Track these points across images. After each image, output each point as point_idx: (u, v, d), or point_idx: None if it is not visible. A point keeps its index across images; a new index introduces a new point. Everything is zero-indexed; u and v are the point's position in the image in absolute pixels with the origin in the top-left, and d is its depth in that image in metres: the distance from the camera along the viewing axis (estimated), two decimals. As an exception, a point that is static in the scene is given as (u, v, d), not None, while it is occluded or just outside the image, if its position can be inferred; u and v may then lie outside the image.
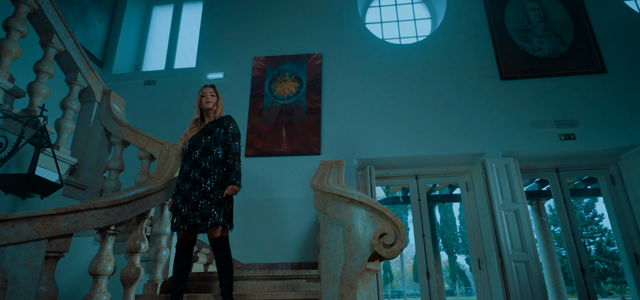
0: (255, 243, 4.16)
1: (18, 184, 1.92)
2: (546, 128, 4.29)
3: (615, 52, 4.54)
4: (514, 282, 3.66)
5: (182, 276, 2.22)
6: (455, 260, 31.34)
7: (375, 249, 1.62)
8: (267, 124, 4.59)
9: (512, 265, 3.72)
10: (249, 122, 4.62)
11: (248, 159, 4.46)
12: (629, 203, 4.27)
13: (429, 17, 5.49)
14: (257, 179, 4.38)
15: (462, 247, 30.37)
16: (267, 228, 4.19)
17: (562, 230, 4.32)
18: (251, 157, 4.46)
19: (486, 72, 4.62)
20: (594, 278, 23.78)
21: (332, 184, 2.04)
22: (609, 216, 4.49)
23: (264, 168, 4.44)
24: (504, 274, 3.73)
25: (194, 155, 2.30)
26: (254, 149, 4.48)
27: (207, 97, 2.53)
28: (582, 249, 4.21)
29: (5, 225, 1.65)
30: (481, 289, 4.18)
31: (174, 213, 2.23)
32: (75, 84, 3.06)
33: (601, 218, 27.25)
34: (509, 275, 3.68)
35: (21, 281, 1.64)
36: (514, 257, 3.75)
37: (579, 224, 25.11)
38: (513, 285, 3.65)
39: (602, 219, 27.35)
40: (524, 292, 3.63)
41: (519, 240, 3.81)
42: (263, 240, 4.16)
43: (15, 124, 2.43)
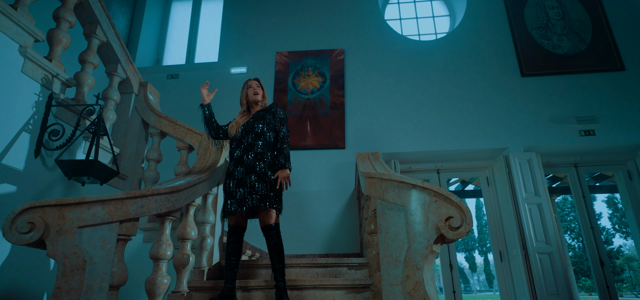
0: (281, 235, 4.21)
1: (82, 170, 1.97)
2: (566, 124, 4.38)
3: (633, 51, 4.63)
4: (539, 273, 3.75)
5: (234, 261, 2.27)
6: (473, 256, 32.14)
7: (442, 231, 1.68)
8: (291, 118, 4.64)
9: (536, 257, 3.80)
10: (273, 116, 4.67)
11: (273, 152, 4.50)
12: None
13: (447, 15, 5.55)
14: (282, 172, 4.43)
15: (471, 242, 30.82)
16: (293, 220, 4.25)
17: (582, 224, 4.41)
18: (276, 151, 4.50)
19: (507, 68, 4.70)
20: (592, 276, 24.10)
21: (390, 172, 2.10)
22: (626, 211, 4.59)
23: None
24: (528, 265, 3.82)
25: (248, 140, 2.36)
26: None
27: (254, 88, 2.60)
28: (600, 242, 4.31)
29: (82, 208, 1.70)
30: (503, 280, 4.26)
31: (227, 197, 2.28)
32: (115, 76, 3.10)
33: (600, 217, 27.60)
34: (533, 266, 3.77)
35: (98, 262, 1.69)
36: (538, 250, 3.84)
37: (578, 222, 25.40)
38: (538, 276, 3.74)
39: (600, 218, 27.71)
40: (549, 283, 3.72)
41: (543, 233, 3.89)
42: (289, 232, 4.21)
43: (66, 112, 2.47)
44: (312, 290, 2.39)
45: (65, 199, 1.68)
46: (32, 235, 1.58)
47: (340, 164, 4.39)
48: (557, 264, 3.78)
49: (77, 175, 1.97)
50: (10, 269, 2.03)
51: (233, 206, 2.21)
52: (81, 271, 1.63)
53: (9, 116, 2.07)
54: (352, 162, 4.40)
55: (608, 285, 4.16)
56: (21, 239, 1.56)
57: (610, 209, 26.93)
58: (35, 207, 1.62)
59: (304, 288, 2.39)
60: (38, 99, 2.27)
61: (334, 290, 2.41)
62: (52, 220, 1.64)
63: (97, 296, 1.64)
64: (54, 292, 1.57)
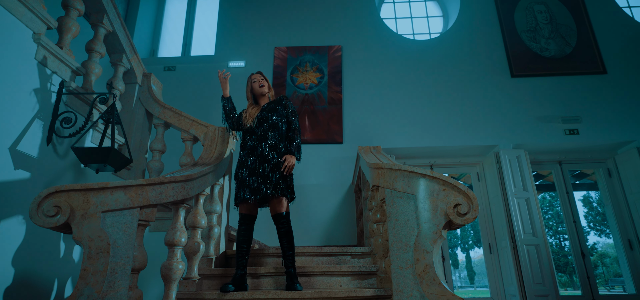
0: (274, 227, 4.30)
1: (99, 157, 1.99)
2: (552, 123, 4.61)
3: (614, 55, 4.91)
4: (526, 264, 3.96)
5: (245, 249, 2.35)
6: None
7: (451, 217, 1.80)
8: (289, 113, 4.70)
9: (524, 248, 4.01)
10: (271, 111, 4.73)
11: (272, 146, 4.56)
12: (624, 194, 4.65)
13: (441, 15, 5.72)
14: (281, 165, 4.51)
15: (454, 239, 31.47)
16: (292, 212, 4.31)
17: (565, 219, 4.66)
18: (275, 145, 4.57)
19: (497, 69, 4.90)
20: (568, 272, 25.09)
21: (394, 163, 2.21)
22: (606, 206, 4.87)
23: (287, 155, 4.56)
24: (516, 256, 4.02)
25: (262, 131, 2.42)
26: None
27: (259, 81, 2.67)
28: (582, 235, 4.57)
29: (105, 193, 1.74)
30: (492, 271, 4.47)
31: (240, 186, 2.34)
32: (120, 66, 3.10)
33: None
34: (521, 258, 3.97)
35: (120, 245, 1.74)
36: (525, 241, 4.05)
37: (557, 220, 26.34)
38: (525, 267, 3.95)
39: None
40: (535, 273, 3.93)
41: (530, 226, 4.11)
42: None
43: (75, 100, 2.48)
44: (320, 276, 2.49)
45: (89, 184, 1.72)
46: (59, 218, 1.61)
47: (338, 159, 4.49)
48: (543, 255, 4.00)
49: (93, 163, 2.00)
50: (23, 255, 2.04)
51: (247, 195, 2.28)
52: (105, 254, 1.68)
53: (23, 103, 2.08)
54: (350, 156, 4.51)
55: (588, 276, 4.42)
56: (48, 222, 1.60)
57: (586, 208, 28.05)
58: (61, 191, 1.65)
59: (312, 275, 2.48)
60: (49, 87, 2.27)
61: (341, 277, 2.52)
62: (77, 205, 1.67)
63: (120, 278, 1.69)
64: (81, 274, 1.61)
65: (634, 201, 4.51)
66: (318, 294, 2.11)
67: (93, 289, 1.61)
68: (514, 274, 4.03)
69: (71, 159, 2.43)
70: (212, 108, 4.86)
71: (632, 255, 4.49)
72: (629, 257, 4.50)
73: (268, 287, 2.46)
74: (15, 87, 2.04)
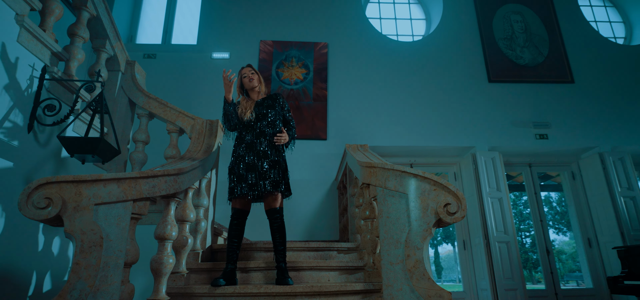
0: (263, 222, 4.29)
1: (88, 147, 1.92)
2: (524, 128, 4.88)
3: (581, 66, 5.25)
4: (498, 260, 4.19)
5: (236, 243, 2.35)
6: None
7: (441, 216, 1.90)
8: (274, 107, 4.69)
9: (496, 245, 4.25)
10: (256, 104, 4.70)
11: (256, 140, 4.54)
12: (585, 196, 5.01)
13: (423, 18, 5.88)
14: (265, 160, 4.50)
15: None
16: (275, 208, 4.33)
17: (533, 217, 4.96)
18: (259, 139, 4.55)
19: (476, 74, 5.11)
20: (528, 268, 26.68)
21: (386, 163, 2.28)
22: (569, 207, 5.23)
23: (271, 150, 4.56)
24: (489, 253, 4.25)
25: (262, 127, 2.42)
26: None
27: (248, 76, 2.64)
28: (547, 233, 4.89)
29: (98, 185, 1.70)
30: (465, 266, 4.69)
31: (237, 181, 2.34)
32: (103, 52, 2.97)
33: (537, 214, 30.44)
34: (493, 254, 4.20)
35: (113, 239, 1.70)
36: (498, 239, 4.28)
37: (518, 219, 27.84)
38: (497, 262, 4.18)
39: (537, 215, 30.57)
40: (505, 268, 4.18)
41: (502, 224, 4.35)
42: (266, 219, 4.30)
43: (58, 86, 2.36)
44: (309, 271, 2.53)
45: (81, 175, 1.66)
46: (50, 210, 1.55)
47: (322, 155, 4.54)
48: (512, 252, 4.25)
49: (80, 153, 1.92)
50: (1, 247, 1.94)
51: (244, 190, 2.28)
52: (98, 248, 1.64)
53: (3, 87, 1.96)
54: (334, 153, 4.57)
55: (552, 271, 4.74)
56: (38, 214, 1.53)
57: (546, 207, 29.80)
58: (52, 182, 1.59)
59: (301, 269, 2.52)
60: (32, 72, 2.15)
61: (329, 272, 2.57)
62: (69, 197, 1.62)
63: (113, 273, 1.66)
64: (73, 268, 1.56)
65: (594, 202, 4.87)
66: (309, 289, 2.15)
67: (86, 283, 1.57)
68: (486, 269, 4.26)
69: (52, 148, 2.32)
70: (194, 99, 4.76)
71: (590, 252, 4.86)
72: (588, 254, 4.86)
73: (257, 281, 2.47)
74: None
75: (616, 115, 5.01)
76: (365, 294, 2.29)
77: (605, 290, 4.65)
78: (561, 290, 4.69)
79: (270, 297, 2.12)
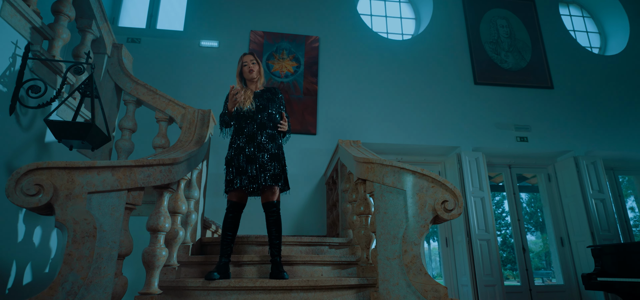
0: (250, 215, 4.23)
1: (77, 133, 1.82)
2: (507, 130, 5.05)
3: (561, 74, 5.48)
4: (479, 257, 4.34)
5: (231, 237, 2.31)
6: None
7: (438, 213, 1.93)
8: (264, 100, 4.63)
9: (477, 243, 4.39)
10: (245, 96, 4.61)
11: (244, 132, 4.47)
12: (560, 197, 5.26)
13: (413, 18, 5.94)
14: (253, 152, 4.44)
15: None
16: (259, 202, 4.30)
17: (511, 217, 5.16)
18: (247, 131, 4.48)
19: (463, 76, 5.23)
20: (498, 264, 27.84)
21: (384, 159, 2.30)
22: (544, 207, 5.47)
23: (260, 143, 4.50)
24: (471, 250, 4.39)
25: (262, 120, 2.38)
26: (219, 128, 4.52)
27: (249, 66, 2.59)
28: (524, 232, 5.10)
29: (92, 173, 1.62)
30: (447, 262, 4.83)
31: (236, 173, 2.29)
32: (88, 32, 2.82)
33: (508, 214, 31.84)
34: (475, 251, 4.34)
35: (107, 230, 1.63)
36: (479, 236, 4.43)
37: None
38: (477, 259, 4.32)
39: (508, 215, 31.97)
40: (485, 265, 4.33)
41: (484, 222, 4.50)
42: (258, 213, 4.25)
43: (42, 67, 2.22)
44: (303, 265, 2.52)
45: (74, 162, 1.58)
46: (41, 198, 1.47)
47: (311, 150, 4.52)
48: (492, 249, 4.41)
49: (69, 138, 1.82)
50: (-20, 236, 1.81)
51: (244, 182, 2.24)
52: (92, 238, 1.56)
53: (-16, 65, 1.83)
54: (323, 148, 4.56)
55: (527, 268, 4.95)
56: (28, 201, 1.44)
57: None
58: (42, 168, 1.50)
59: (295, 263, 2.51)
60: (15, 49, 2.02)
61: (322, 266, 2.58)
62: (60, 184, 1.53)
63: (106, 265, 1.59)
64: (65, 259, 1.49)
65: (567, 204, 5.12)
66: (305, 283, 2.15)
67: (78, 275, 1.50)
68: (467, 265, 4.40)
69: (35, 132, 2.19)
70: (180, 88, 4.62)
71: (562, 250, 5.11)
72: (560, 253, 5.11)
73: (250, 275, 2.44)
74: (-24, 46, 1.79)
75: (591, 121, 5.27)
76: (359, 289, 2.31)
77: (574, 286, 4.91)
78: (535, 286, 4.91)
79: (266, 292, 2.10)
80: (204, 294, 2.09)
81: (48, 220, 2.33)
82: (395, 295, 1.95)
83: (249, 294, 2.09)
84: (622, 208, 5.31)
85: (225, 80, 4.68)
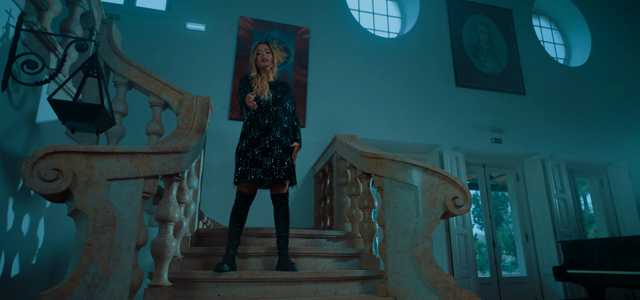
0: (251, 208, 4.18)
1: (85, 115, 1.70)
2: (483, 131, 5.34)
3: (532, 81, 5.87)
4: (456, 251, 4.58)
5: (238, 228, 2.27)
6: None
7: (449, 208, 2.02)
8: (253, 89, 4.54)
9: (456, 237, 4.63)
10: (234, 84, 4.49)
11: (232, 121, 4.36)
12: (526, 196, 5.67)
13: (399, 17, 6.07)
14: (242, 142, 4.35)
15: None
16: (250, 192, 4.23)
17: (484, 214, 5.48)
18: (236, 120, 4.38)
19: (445, 77, 5.44)
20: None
21: (395, 155, 2.36)
22: (511, 205, 5.87)
23: (249, 133, 4.42)
24: (449, 243, 4.62)
25: (277, 113, 2.35)
26: (239, 112, 4.41)
27: (263, 54, 2.55)
28: (495, 228, 5.44)
29: (110, 159, 1.53)
30: (426, 256, 5.05)
31: (250, 165, 2.25)
32: (78, 6, 2.59)
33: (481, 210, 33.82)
34: (453, 245, 4.59)
35: (126, 219, 1.55)
36: (457, 231, 4.67)
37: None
38: (455, 253, 4.57)
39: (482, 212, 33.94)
40: (462, 257, 4.59)
41: (461, 218, 4.75)
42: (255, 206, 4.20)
43: (34, 40, 2.03)
44: (307, 257, 2.54)
45: (93, 146, 1.48)
46: (60, 183, 1.36)
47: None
48: (469, 244, 4.68)
49: (74, 121, 1.69)
50: (-32, 223, 1.64)
51: (259, 174, 2.20)
52: (111, 228, 1.48)
53: (-23, 33, 1.64)
54: (311, 141, 4.56)
55: (496, 261, 5.30)
56: (46, 187, 1.33)
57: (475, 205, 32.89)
58: (60, 152, 1.39)
59: (299, 256, 2.52)
60: (8, 19, 1.83)
61: (325, 259, 2.61)
62: (79, 169, 1.43)
63: (125, 255, 1.52)
64: (85, 249, 1.40)
65: (533, 202, 5.53)
66: (315, 275, 2.17)
67: (99, 266, 1.41)
68: (446, 258, 4.63)
69: (26, 111, 2.01)
70: (165, 71, 4.39)
71: (527, 245, 5.53)
72: (525, 247, 5.53)
73: (255, 267, 2.42)
74: (-32, 12, 1.60)
75: (556, 127, 5.71)
76: (364, 280, 2.37)
77: (536, 278, 5.34)
78: (502, 277, 5.27)
79: (277, 283, 2.10)
80: (213, 286, 2.05)
81: (36, 208, 2.15)
82: (405, 286, 2.02)
83: (259, 285, 2.08)
84: (578, 207, 5.83)
85: (212, 66, 4.53)
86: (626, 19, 6.81)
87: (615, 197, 5.98)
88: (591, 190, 6.41)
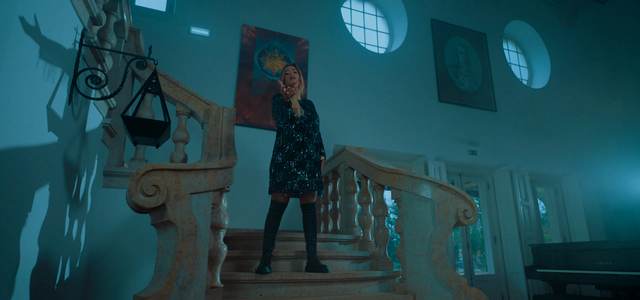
0: (240, 210, 4.33)
1: (153, 131, 1.84)
2: (461, 144, 5.89)
3: (503, 99, 6.53)
4: (438, 251, 5.06)
5: (272, 234, 2.49)
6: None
7: (460, 219, 2.38)
8: (256, 96, 4.70)
9: (438, 239, 5.10)
10: (237, 90, 4.63)
11: (237, 127, 4.50)
12: (495, 203, 6.31)
13: (387, 33, 6.48)
14: (245, 148, 4.50)
15: None
16: (253, 196, 4.41)
17: (459, 217, 6.04)
18: (240, 126, 4.52)
19: (430, 93, 5.93)
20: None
21: (413, 172, 2.69)
22: (482, 210, 6.50)
23: (251, 139, 4.58)
24: (433, 245, 5.08)
25: (309, 130, 2.59)
26: (242, 118, 4.55)
27: (290, 74, 2.78)
28: (469, 231, 6.02)
29: (192, 174, 1.71)
30: (410, 257, 5.49)
31: (286, 177, 2.46)
32: (112, 14, 2.68)
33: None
34: (436, 246, 5.05)
35: (202, 228, 1.74)
36: (439, 234, 5.15)
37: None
38: (438, 254, 5.04)
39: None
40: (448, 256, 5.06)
41: (443, 222, 5.23)
42: (248, 207, 4.36)
43: (90, 55, 2.12)
44: (329, 260, 2.80)
45: (179, 164, 1.65)
46: (157, 198, 1.53)
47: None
48: (449, 245, 5.16)
49: (144, 136, 1.84)
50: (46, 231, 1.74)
51: (295, 186, 2.43)
52: (194, 237, 1.67)
53: (55, 51, 1.74)
54: (310, 148, 4.80)
55: (469, 261, 5.87)
56: (147, 201, 1.50)
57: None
58: (156, 169, 1.56)
59: (322, 259, 2.78)
60: (75, 35, 1.92)
61: (343, 261, 2.89)
62: (170, 185, 1.60)
63: (202, 261, 1.71)
64: (177, 256, 1.58)
65: (501, 208, 6.18)
66: (344, 276, 2.45)
67: (187, 271, 1.60)
68: (429, 259, 5.09)
69: (81, 121, 2.10)
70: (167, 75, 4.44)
71: (495, 247, 6.16)
72: (493, 248, 6.16)
73: (284, 268, 2.64)
74: (48, 30, 1.69)
75: (522, 141, 6.41)
76: (381, 280, 2.69)
77: (502, 276, 5.98)
78: (475, 276, 5.85)
79: (312, 284, 2.35)
80: (256, 287, 2.26)
81: (82, 214, 2.23)
82: (423, 285, 2.36)
83: (297, 285, 2.32)
84: (537, 213, 6.58)
85: (216, 72, 4.64)
86: (583, 51, 7.74)
87: (567, 205, 6.82)
88: (547, 198, 7.23)
